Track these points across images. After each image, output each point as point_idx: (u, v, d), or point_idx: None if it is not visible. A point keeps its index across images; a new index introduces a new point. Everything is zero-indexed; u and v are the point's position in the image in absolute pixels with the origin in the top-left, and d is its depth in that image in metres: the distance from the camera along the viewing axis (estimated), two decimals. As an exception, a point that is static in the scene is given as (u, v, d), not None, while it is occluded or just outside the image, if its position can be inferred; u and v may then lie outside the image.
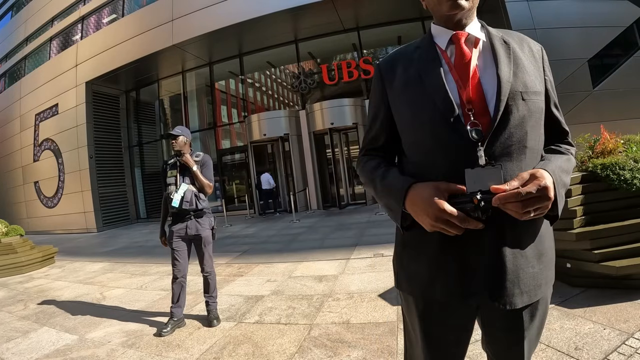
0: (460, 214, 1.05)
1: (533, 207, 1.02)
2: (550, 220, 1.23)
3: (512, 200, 1.00)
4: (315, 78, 15.73)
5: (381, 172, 1.33)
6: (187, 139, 4.15)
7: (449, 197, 1.08)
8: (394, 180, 1.26)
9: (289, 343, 3.41)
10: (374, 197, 1.37)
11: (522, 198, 1.00)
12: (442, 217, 1.06)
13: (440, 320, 1.29)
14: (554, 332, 3.00)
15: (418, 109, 1.22)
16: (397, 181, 1.25)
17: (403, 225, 1.27)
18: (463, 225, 1.05)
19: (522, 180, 1.04)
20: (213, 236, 4.24)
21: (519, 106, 1.13)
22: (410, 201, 1.17)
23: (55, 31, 19.78)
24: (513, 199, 1.00)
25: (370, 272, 5.27)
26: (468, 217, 1.05)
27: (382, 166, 1.36)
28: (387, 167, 1.35)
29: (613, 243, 3.65)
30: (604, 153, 4.21)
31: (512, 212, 1.03)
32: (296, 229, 10.48)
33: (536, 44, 1.31)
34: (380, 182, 1.31)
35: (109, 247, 11.30)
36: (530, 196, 1.00)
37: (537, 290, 1.19)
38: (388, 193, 1.27)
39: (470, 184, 1.05)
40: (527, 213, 1.02)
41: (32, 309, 5.34)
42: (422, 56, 1.28)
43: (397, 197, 1.21)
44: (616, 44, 11.76)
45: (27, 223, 18.74)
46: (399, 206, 1.21)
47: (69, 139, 17.25)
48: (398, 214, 1.23)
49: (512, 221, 1.10)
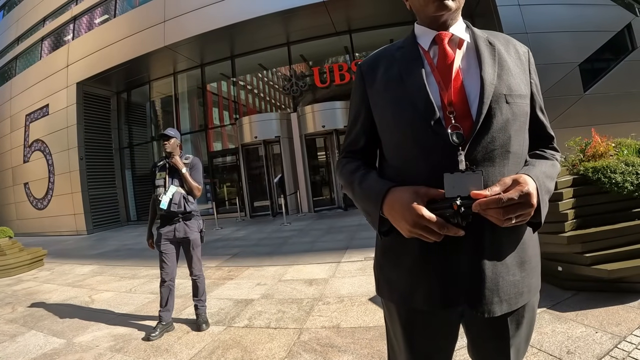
0: (439, 219, 1.01)
1: (515, 213, 0.99)
2: (532, 228, 1.19)
3: (493, 206, 0.97)
4: (307, 81, 15.68)
5: (359, 175, 1.29)
6: (178, 141, 4.12)
7: (428, 202, 1.04)
8: (373, 184, 1.22)
9: (278, 347, 3.37)
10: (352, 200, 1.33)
11: (503, 204, 0.96)
12: (420, 223, 1.02)
13: (423, 328, 1.26)
14: (546, 336, 2.99)
15: (398, 111, 1.18)
16: (375, 185, 1.21)
17: (381, 230, 1.23)
18: (442, 232, 1.01)
19: (504, 186, 1.02)
20: (202, 239, 4.20)
21: (503, 109, 1.10)
22: (388, 206, 1.13)
23: (46, 31, 19.61)
24: (494, 205, 0.97)
25: (361, 276, 5.24)
26: (447, 223, 1.01)
27: (361, 169, 1.32)
28: (366, 170, 1.31)
29: (604, 246, 3.65)
30: (595, 156, 4.22)
31: (493, 218, 1.00)
32: (287, 232, 10.43)
33: (523, 46, 1.28)
34: (358, 186, 1.27)
35: (99, 250, 11.20)
36: (512, 202, 0.97)
37: (518, 299, 1.16)
38: (366, 197, 1.23)
39: (449, 189, 1.01)
40: (508, 220, 0.99)
41: (20, 312, 5.27)
42: (404, 56, 1.25)
43: (375, 202, 1.17)
44: (607, 48, 11.85)
45: (17, 225, 18.57)
46: (377, 211, 1.17)
47: (60, 140, 17.09)
48: (376, 219, 1.20)
49: (492, 228, 1.08)
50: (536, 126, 1.25)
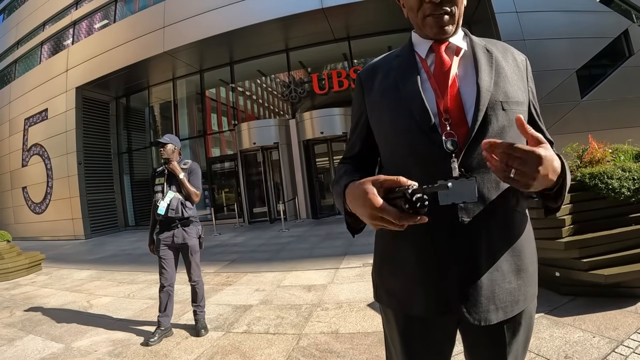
0: (393, 210, 0.93)
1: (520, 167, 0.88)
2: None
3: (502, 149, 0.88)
4: (305, 87, 15.70)
5: (339, 176, 1.28)
6: (175, 147, 4.13)
7: (387, 192, 0.97)
8: (342, 181, 1.18)
9: (277, 353, 3.37)
10: None
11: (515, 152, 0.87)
12: (374, 215, 0.96)
13: (420, 334, 1.26)
14: (544, 341, 3.00)
15: (394, 118, 1.19)
16: (342, 182, 1.17)
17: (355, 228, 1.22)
18: (400, 222, 0.92)
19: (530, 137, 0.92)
20: (200, 245, 4.20)
21: (499, 116, 1.10)
22: (349, 200, 1.08)
23: (46, 35, 19.61)
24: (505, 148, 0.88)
25: (360, 282, 5.25)
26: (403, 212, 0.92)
27: (346, 171, 1.31)
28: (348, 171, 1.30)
29: (601, 251, 3.68)
30: (592, 162, 4.25)
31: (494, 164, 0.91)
32: (285, 238, 10.42)
33: (520, 54, 1.29)
34: (333, 186, 1.27)
35: (97, 255, 11.16)
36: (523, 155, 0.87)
37: (514, 306, 1.15)
38: (336, 195, 1.22)
39: (443, 197, 0.98)
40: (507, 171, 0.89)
41: (18, 317, 5.25)
42: (401, 64, 1.26)
43: (341, 199, 1.16)
44: (604, 55, 11.94)
45: (15, 229, 18.43)
46: (343, 207, 1.16)
47: (58, 144, 17.04)
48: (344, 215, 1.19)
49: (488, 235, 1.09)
50: None
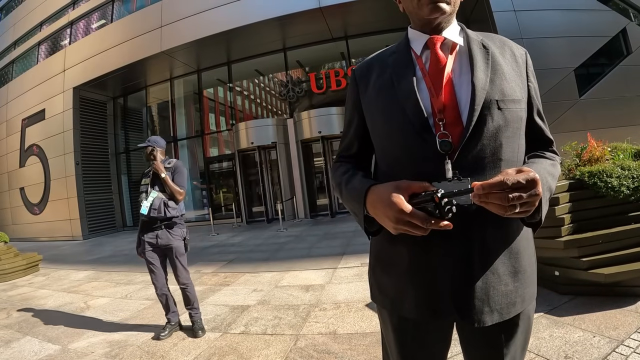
0: (421, 213, 0.95)
1: (520, 200, 0.90)
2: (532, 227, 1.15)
3: (496, 189, 0.89)
4: (303, 86, 15.70)
5: (347, 177, 1.28)
6: (157, 148, 4.14)
7: (411, 196, 1.00)
8: (357, 184, 1.20)
9: (274, 354, 3.35)
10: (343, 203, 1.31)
11: (508, 187, 0.89)
12: (402, 219, 0.97)
13: (414, 335, 1.25)
14: (543, 341, 2.99)
15: (388, 117, 1.17)
16: (358, 184, 1.19)
17: (370, 231, 1.21)
18: (426, 226, 0.95)
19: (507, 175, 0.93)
20: (185, 247, 4.14)
21: (494, 115, 1.07)
22: (370, 204, 1.11)
23: (43, 35, 19.56)
24: (498, 187, 0.89)
25: (358, 282, 5.23)
26: (430, 217, 0.95)
27: (350, 171, 1.31)
28: (354, 171, 1.30)
29: (601, 250, 3.67)
30: (591, 161, 4.24)
31: (494, 207, 0.92)
32: (283, 237, 10.40)
33: (520, 48, 1.25)
34: (345, 187, 1.26)
35: (94, 255, 11.15)
36: (518, 186, 0.89)
37: (510, 309, 1.13)
38: (351, 197, 1.21)
39: None
40: (512, 207, 0.90)
41: (15, 318, 5.23)
42: (397, 62, 1.23)
43: (358, 201, 1.16)
44: (602, 53, 11.95)
45: (12, 229, 18.43)
46: (361, 210, 1.15)
47: (56, 145, 17.01)
48: (361, 219, 1.18)
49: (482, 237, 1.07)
50: (534, 131, 1.22)
